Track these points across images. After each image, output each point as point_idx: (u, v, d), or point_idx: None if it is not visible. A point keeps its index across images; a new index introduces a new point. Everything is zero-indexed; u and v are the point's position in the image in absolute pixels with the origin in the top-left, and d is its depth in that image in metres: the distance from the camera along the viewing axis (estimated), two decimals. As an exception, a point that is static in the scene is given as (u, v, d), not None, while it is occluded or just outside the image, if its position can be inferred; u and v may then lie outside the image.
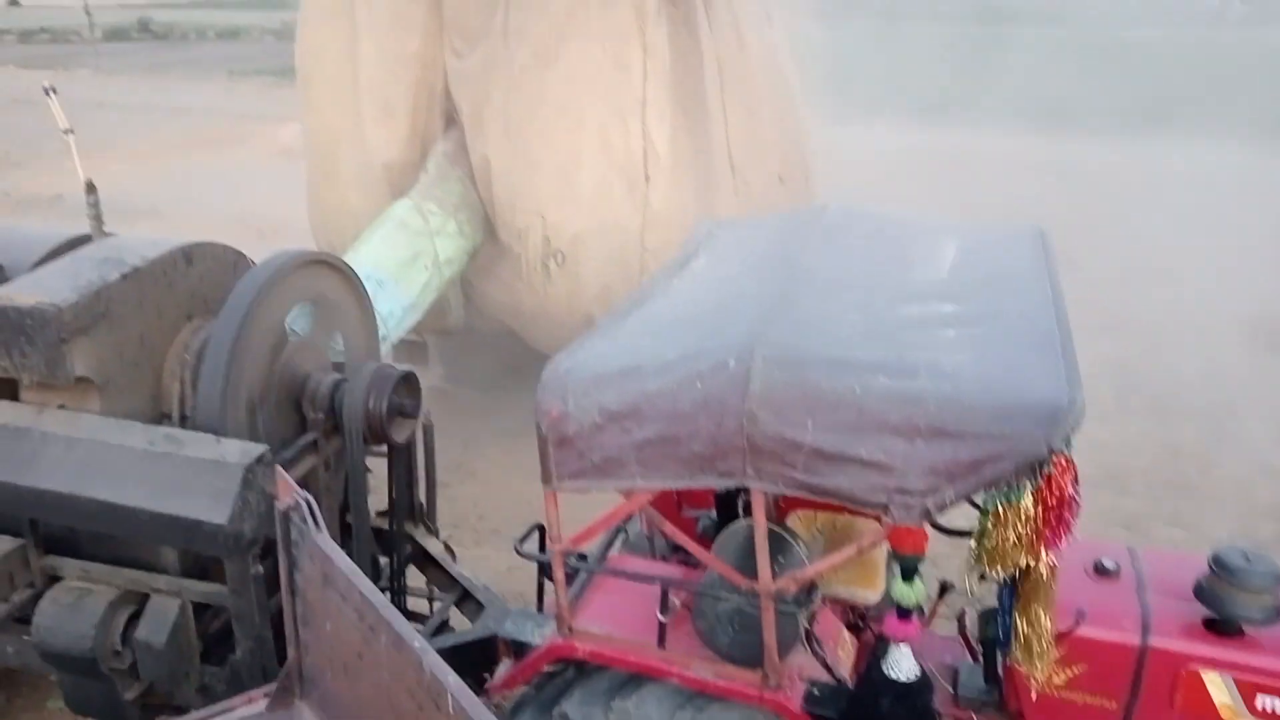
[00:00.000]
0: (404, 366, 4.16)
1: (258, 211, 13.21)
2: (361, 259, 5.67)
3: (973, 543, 2.66)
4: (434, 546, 4.43)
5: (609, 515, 2.93)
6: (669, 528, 2.96)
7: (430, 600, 4.37)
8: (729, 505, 3.59)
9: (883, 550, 3.34)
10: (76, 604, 3.53)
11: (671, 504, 3.70)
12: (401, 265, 5.98)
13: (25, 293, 3.41)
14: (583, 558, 3.35)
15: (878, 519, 2.92)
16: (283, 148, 17.12)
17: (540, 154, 6.27)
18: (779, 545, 2.98)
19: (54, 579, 3.63)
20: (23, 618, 3.59)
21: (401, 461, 4.26)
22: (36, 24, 41.42)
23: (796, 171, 7.79)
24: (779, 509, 3.58)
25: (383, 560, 4.31)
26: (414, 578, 4.45)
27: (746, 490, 2.83)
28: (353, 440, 3.88)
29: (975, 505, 2.69)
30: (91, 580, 3.58)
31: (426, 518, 4.49)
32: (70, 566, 3.61)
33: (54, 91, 4.39)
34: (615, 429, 2.73)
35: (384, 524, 4.32)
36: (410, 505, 4.38)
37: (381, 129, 6.63)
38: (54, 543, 3.63)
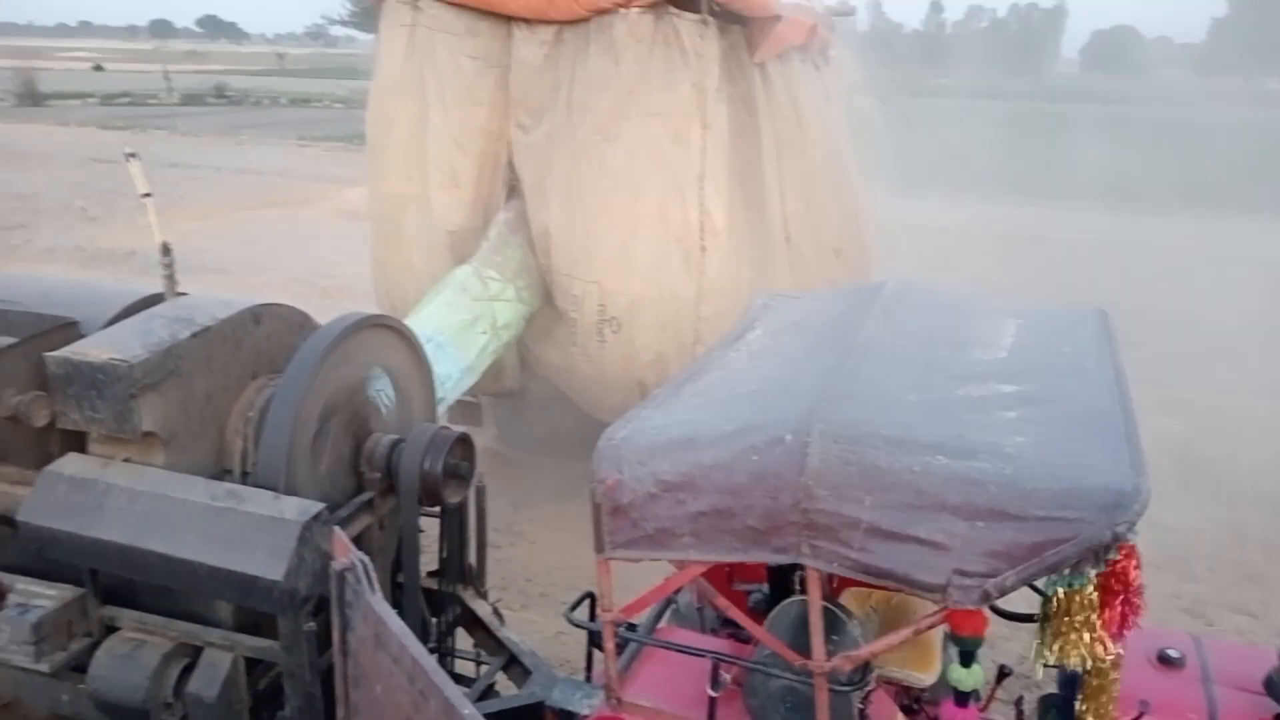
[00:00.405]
0: (460, 428, 4.20)
1: (322, 271, 13.55)
2: (422, 321, 5.78)
3: (1034, 628, 2.61)
4: (482, 609, 4.42)
5: (661, 586, 2.91)
6: (722, 601, 2.94)
7: (477, 663, 4.35)
8: (782, 580, 3.55)
9: (939, 631, 3.28)
10: (131, 655, 3.56)
11: (723, 576, 3.67)
12: (461, 329, 6.08)
13: (99, 348, 3.51)
14: (632, 628, 3.33)
15: (933, 599, 2.87)
16: (348, 210, 17.61)
17: (599, 224, 6.38)
18: (833, 623, 2.94)
19: (111, 629, 3.66)
20: (79, 666, 3.63)
21: (453, 523, 4.28)
22: (118, 88, 43.24)
23: (853, 245, 7.83)
24: (833, 585, 3.53)
25: (431, 620, 4.30)
26: (461, 639, 4.44)
27: (801, 566, 2.80)
28: (408, 501, 3.91)
29: (1036, 590, 2.64)
30: (147, 632, 3.62)
31: (476, 580, 4.49)
32: (127, 617, 3.65)
33: (135, 157, 4.56)
34: (669, 500, 2.74)
35: (433, 584, 4.32)
36: (460, 567, 4.39)
37: (447, 197, 6.81)
38: (112, 593, 3.68)
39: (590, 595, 3.51)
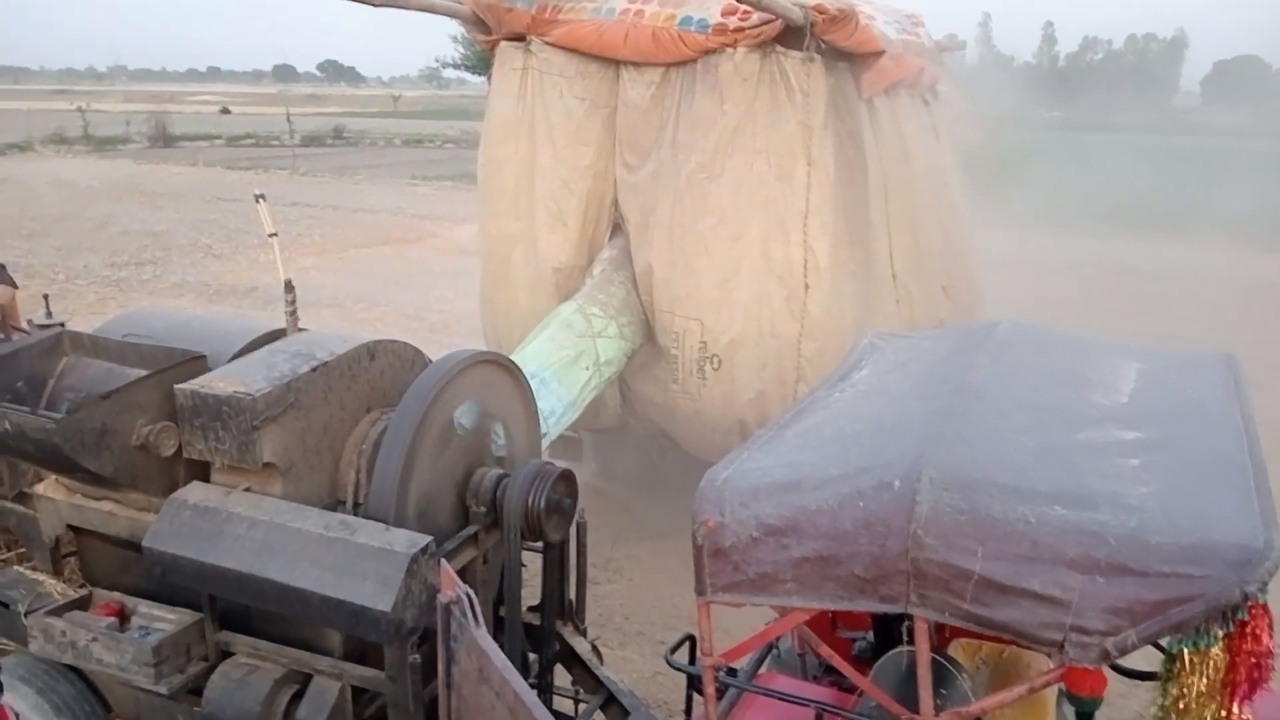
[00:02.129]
0: (563, 464, 4.24)
1: (431, 306, 13.91)
2: (527, 357, 5.89)
3: (1155, 687, 2.48)
4: (581, 646, 4.43)
5: (763, 633, 2.87)
6: (825, 650, 2.88)
7: (575, 701, 4.36)
8: (887, 629, 3.46)
9: (1054, 689, 3.14)
10: (245, 680, 3.67)
11: (826, 623, 3.60)
12: (565, 365, 6.16)
13: (224, 381, 3.67)
14: (733, 672, 3.28)
15: (1049, 655, 2.76)
16: (456, 248, 18.09)
17: (701, 261, 6.41)
18: (942, 676, 2.85)
19: (226, 654, 3.78)
20: (195, 689, 3.75)
21: (555, 558, 4.31)
22: (243, 130, 45.40)
23: (961, 283, 7.67)
24: (940, 636, 3.42)
25: (531, 656, 4.33)
26: (560, 676, 4.45)
27: (908, 616, 2.73)
28: (511, 536, 3.96)
29: (1160, 649, 2.51)
30: (260, 657, 3.73)
31: (575, 617, 4.50)
32: (241, 643, 3.77)
33: (263, 198, 4.79)
34: (772, 544, 2.70)
35: (534, 620, 4.36)
36: (560, 603, 4.41)
37: (553, 235, 6.94)
38: (228, 619, 3.80)
39: (690, 638, 3.48)
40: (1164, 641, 2.43)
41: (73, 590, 4.04)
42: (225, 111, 60.59)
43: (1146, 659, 2.84)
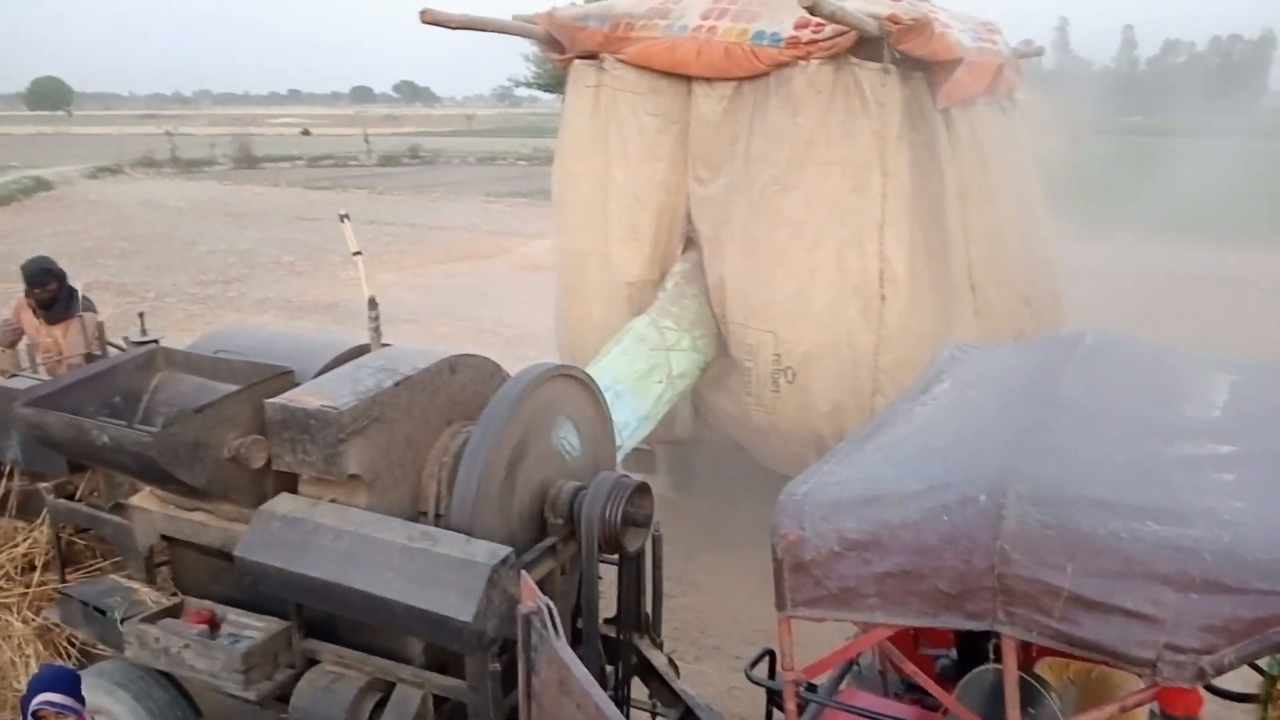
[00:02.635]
0: (639, 476, 4.26)
1: (506, 320, 14.08)
2: (602, 371, 5.93)
3: (1253, 709, 2.40)
4: (658, 659, 4.43)
5: (845, 648, 2.84)
6: (909, 666, 2.84)
7: (653, 714, 4.35)
8: (972, 646, 3.40)
9: (1146, 708, 3.05)
10: (330, 687, 3.74)
11: (908, 639, 3.54)
12: (638, 378, 6.19)
13: (312, 396, 3.77)
14: (813, 688, 3.25)
15: (1140, 675, 2.68)
16: (530, 263, 18.28)
17: (775, 273, 6.39)
18: (1029, 695, 2.79)
19: (312, 661, 3.87)
20: (282, 696, 3.84)
21: (631, 571, 4.32)
22: (323, 151, 46.56)
23: (1043, 294, 7.52)
24: (1027, 654, 3.35)
25: (607, 669, 4.34)
26: (637, 689, 4.46)
27: (994, 633, 2.68)
28: (589, 548, 3.98)
29: (1258, 669, 2.43)
30: (345, 665, 3.80)
31: (652, 629, 4.51)
32: (327, 651, 3.85)
33: (347, 218, 4.91)
34: (854, 559, 2.67)
35: (610, 632, 4.37)
36: (637, 615, 4.42)
37: (626, 250, 6.99)
38: (314, 627, 3.89)
39: (770, 652, 3.46)
40: (1262, 662, 2.35)
41: (166, 598, 4.18)
42: (306, 133, 62.12)
43: (1243, 680, 2.75)
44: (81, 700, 3.30)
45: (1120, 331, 3.83)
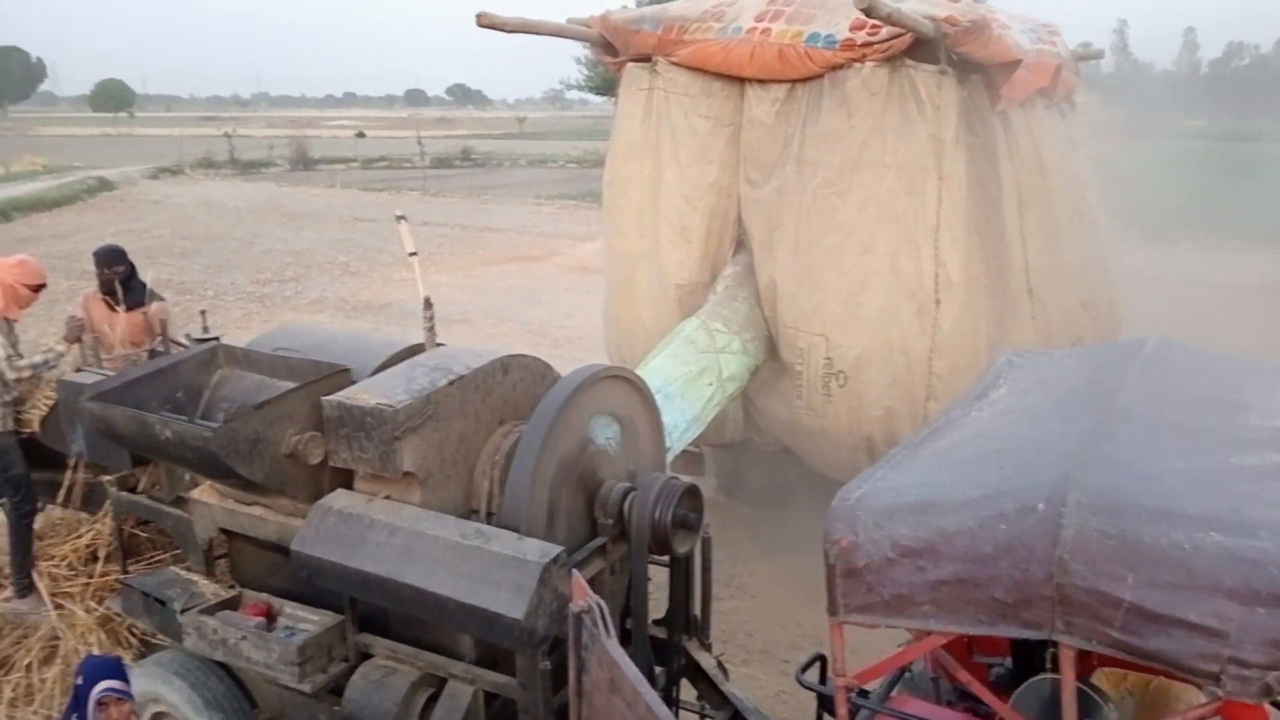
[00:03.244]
0: (688, 479, 4.26)
1: (555, 322, 14.16)
2: (651, 373, 5.93)
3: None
4: (707, 661, 4.42)
5: (898, 655, 2.82)
6: (964, 675, 2.80)
7: (701, 715, 4.34)
8: (1027, 655, 3.35)
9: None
10: (383, 681, 3.79)
11: (961, 647, 3.50)
12: (688, 380, 6.19)
13: (368, 394, 3.82)
14: (864, 694, 3.23)
15: (1201, 688, 2.63)
16: (579, 265, 18.37)
17: (827, 276, 6.35)
18: (1087, 706, 2.75)
19: (365, 655, 3.92)
20: (336, 689, 3.89)
21: (680, 573, 4.32)
22: (377, 153, 47.15)
23: (1101, 299, 7.40)
24: (1084, 664, 3.29)
25: (656, 670, 4.34)
26: (685, 691, 4.45)
27: (1051, 643, 2.64)
28: (638, 549, 3.99)
29: (1328, 687, 2.36)
30: (397, 660, 3.84)
31: (700, 631, 4.50)
32: (381, 645, 3.89)
33: (404, 219, 4.97)
34: (908, 565, 2.65)
35: (659, 633, 4.37)
36: (685, 617, 4.42)
37: (676, 252, 7.00)
38: (368, 621, 3.94)
39: (821, 657, 3.44)
40: (1334, 679, 2.29)
41: (224, 590, 4.26)
42: (360, 135, 62.97)
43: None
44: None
45: (1182, 339, 3.74)
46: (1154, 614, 2.36)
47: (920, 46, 6.06)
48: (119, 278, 5.92)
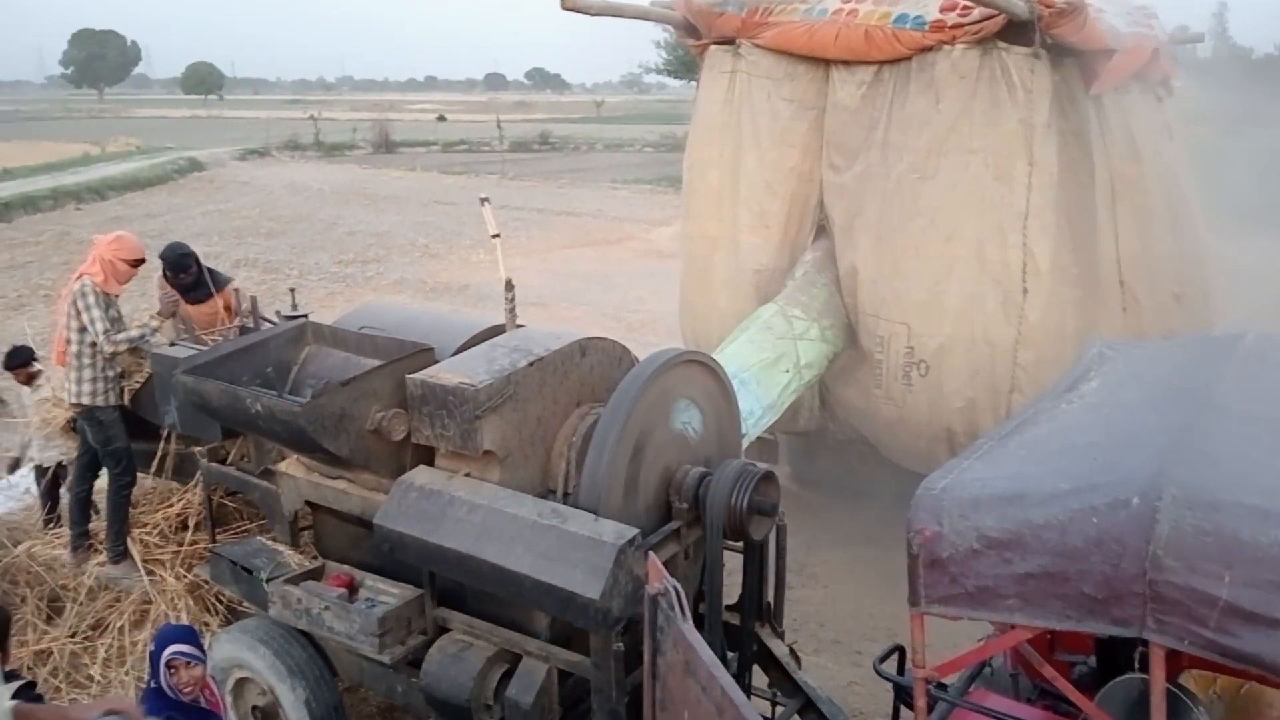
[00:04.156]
0: (764, 465, 4.24)
1: (629, 306, 14.19)
2: (727, 358, 5.91)
3: None
4: (779, 649, 4.40)
5: (980, 649, 2.77)
6: (1049, 671, 2.74)
7: (773, 704, 4.34)
8: (1111, 653, 3.26)
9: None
10: (459, 655, 3.86)
11: (1043, 643, 3.42)
12: (765, 366, 6.15)
13: (450, 373, 3.88)
14: (942, 687, 3.18)
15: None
16: (654, 249, 18.37)
17: (910, 264, 6.25)
18: (1176, 708, 2.66)
19: (442, 629, 4.00)
20: (413, 661, 3.98)
21: (754, 559, 4.30)
22: (457, 137, 47.69)
23: (1195, 291, 7.14)
24: (1172, 664, 3.19)
25: (730, 655, 4.33)
26: (757, 678, 4.44)
27: (1139, 641, 2.57)
28: (713, 533, 3.98)
29: None
30: (474, 635, 3.91)
31: (773, 619, 4.48)
32: (457, 620, 3.97)
33: (487, 202, 5.02)
34: (994, 557, 2.59)
35: (730, 619, 4.36)
36: (758, 604, 4.40)
37: (755, 237, 6.95)
38: (446, 596, 4.02)
39: (900, 648, 3.40)
40: None
41: (308, 561, 4.39)
42: (441, 119, 63.67)
43: None
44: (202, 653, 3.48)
45: (1283, 333, 3.60)
46: (1251, 614, 2.27)
47: (1012, 29, 5.91)
48: (190, 280, 6.05)
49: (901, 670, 3.40)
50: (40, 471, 6.28)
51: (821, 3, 6.66)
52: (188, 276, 6.04)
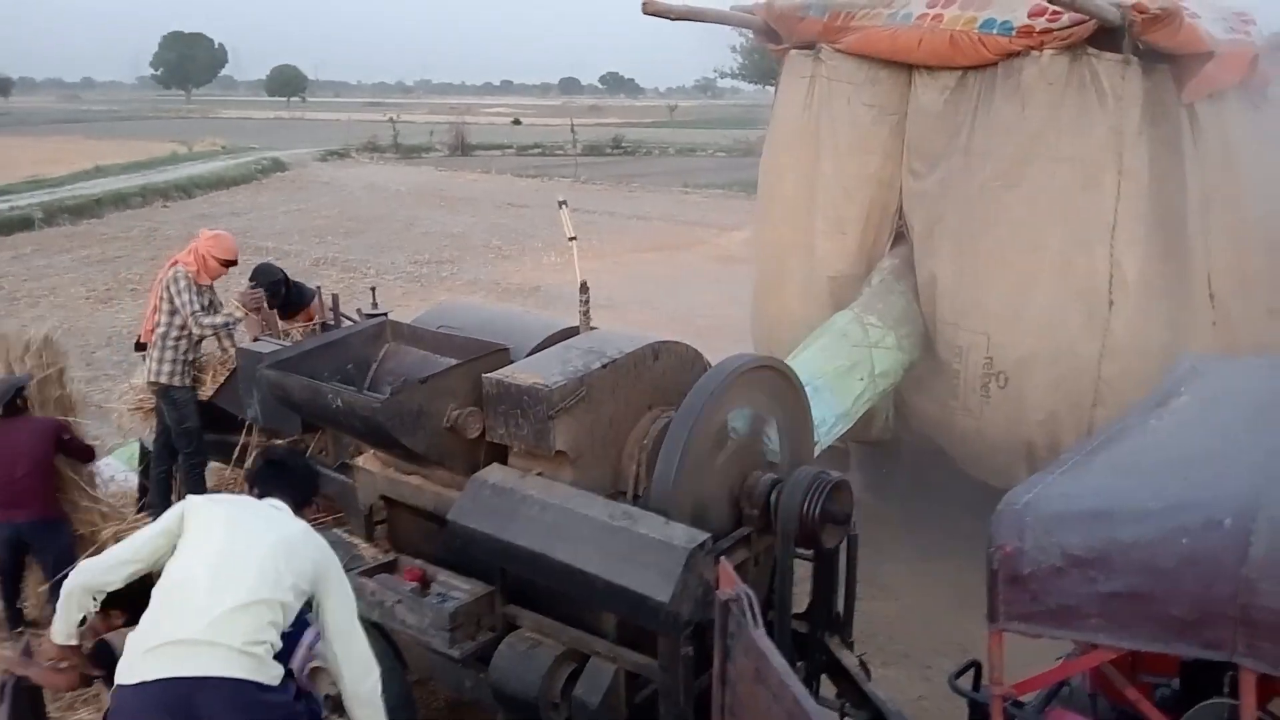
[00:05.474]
0: (838, 474, 4.19)
1: (698, 311, 14.14)
2: (800, 365, 5.84)
3: None
4: (848, 659, 4.35)
5: (1061, 667, 2.70)
6: (1132, 693, 2.67)
7: (841, 715, 4.28)
8: (1197, 677, 3.15)
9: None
10: (528, 653, 3.87)
11: (1124, 664, 3.33)
12: (838, 374, 6.08)
13: (525, 373, 3.91)
14: (1018, 705, 3.11)
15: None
16: (724, 254, 18.29)
17: (991, 273, 6.13)
18: (1267, 737, 2.57)
19: (512, 626, 4.02)
20: (483, 656, 4.00)
21: (825, 568, 4.26)
22: (531, 140, 48.12)
23: (1291, 307, 6.87)
24: (1263, 690, 3.07)
25: (798, 664, 4.29)
26: (825, 688, 4.39)
27: (1227, 665, 2.48)
28: (784, 541, 3.95)
29: None
30: (542, 633, 3.93)
31: (843, 629, 4.43)
32: (527, 617, 3.99)
33: (565, 205, 5.06)
34: (1077, 575, 2.53)
35: (799, 627, 4.32)
36: (828, 613, 4.35)
37: (831, 244, 6.88)
38: (516, 593, 4.04)
39: (976, 664, 3.33)
40: None
41: (382, 554, 4.44)
42: (516, 122, 64.36)
43: None
44: None
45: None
46: (1351, 644, 2.18)
47: (1102, 34, 5.77)
48: (280, 302, 6.19)
49: (977, 686, 3.33)
50: (144, 453, 6.48)
51: (906, 7, 6.57)
52: (276, 300, 6.18)
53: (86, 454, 5.62)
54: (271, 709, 3.01)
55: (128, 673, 2.94)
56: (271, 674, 3.03)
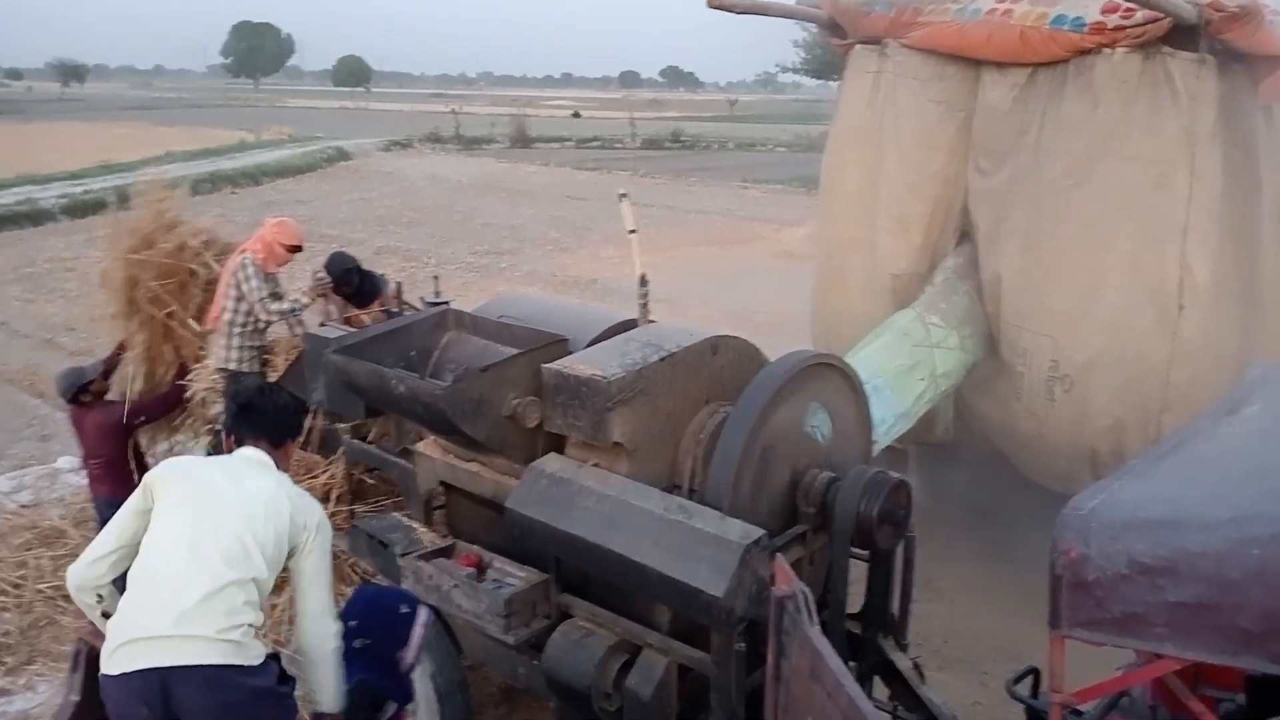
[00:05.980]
0: (896, 474, 4.15)
1: (755, 306, 14.10)
2: (860, 363, 5.79)
3: None
4: (902, 662, 4.31)
5: (1124, 677, 2.66)
6: (1195, 706, 2.61)
7: (894, 716, 4.25)
8: (1263, 692, 3.08)
9: None
10: (581, 642, 3.91)
11: (1188, 676, 3.26)
12: (899, 374, 6.02)
13: (584, 364, 3.94)
14: (1077, 714, 3.06)
15: None
16: (783, 250, 18.19)
17: (1058, 273, 6.02)
18: (1338, 756, 2.50)
19: (565, 615, 4.05)
20: (536, 644, 4.05)
21: (881, 569, 4.22)
22: (591, 133, 48.27)
23: (1370, 315, 6.64)
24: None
25: (851, 664, 4.26)
26: (877, 690, 4.36)
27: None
28: (840, 540, 3.93)
29: None
30: (596, 623, 3.96)
31: (897, 631, 4.39)
32: (580, 607, 4.02)
33: (626, 197, 5.07)
34: (1144, 583, 2.48)
35: (853, 628, 4.29)
36: (883, 615, 4.32)
37: (894, 241, 6.81)
38: (570, 583, 4.07)
39: (1035, 671, 3.29)
40: None
41: (440, 539, 4.51)
42: (576, 115, 64.55)
43: None
44: None
45: None
46: None
47: (1178, 33, 5.63)
48: (352, 291, 6.25)
49: (1035, 694, 3.29)
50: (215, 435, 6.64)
51: (974, 2, 6.47)
52: (349, 288, 6.24)
53: (174, 398, 5.92)
54: (251, 692, 2.98)
55: (108, 663, 2.95)
56: (251, 655, 3.00)
